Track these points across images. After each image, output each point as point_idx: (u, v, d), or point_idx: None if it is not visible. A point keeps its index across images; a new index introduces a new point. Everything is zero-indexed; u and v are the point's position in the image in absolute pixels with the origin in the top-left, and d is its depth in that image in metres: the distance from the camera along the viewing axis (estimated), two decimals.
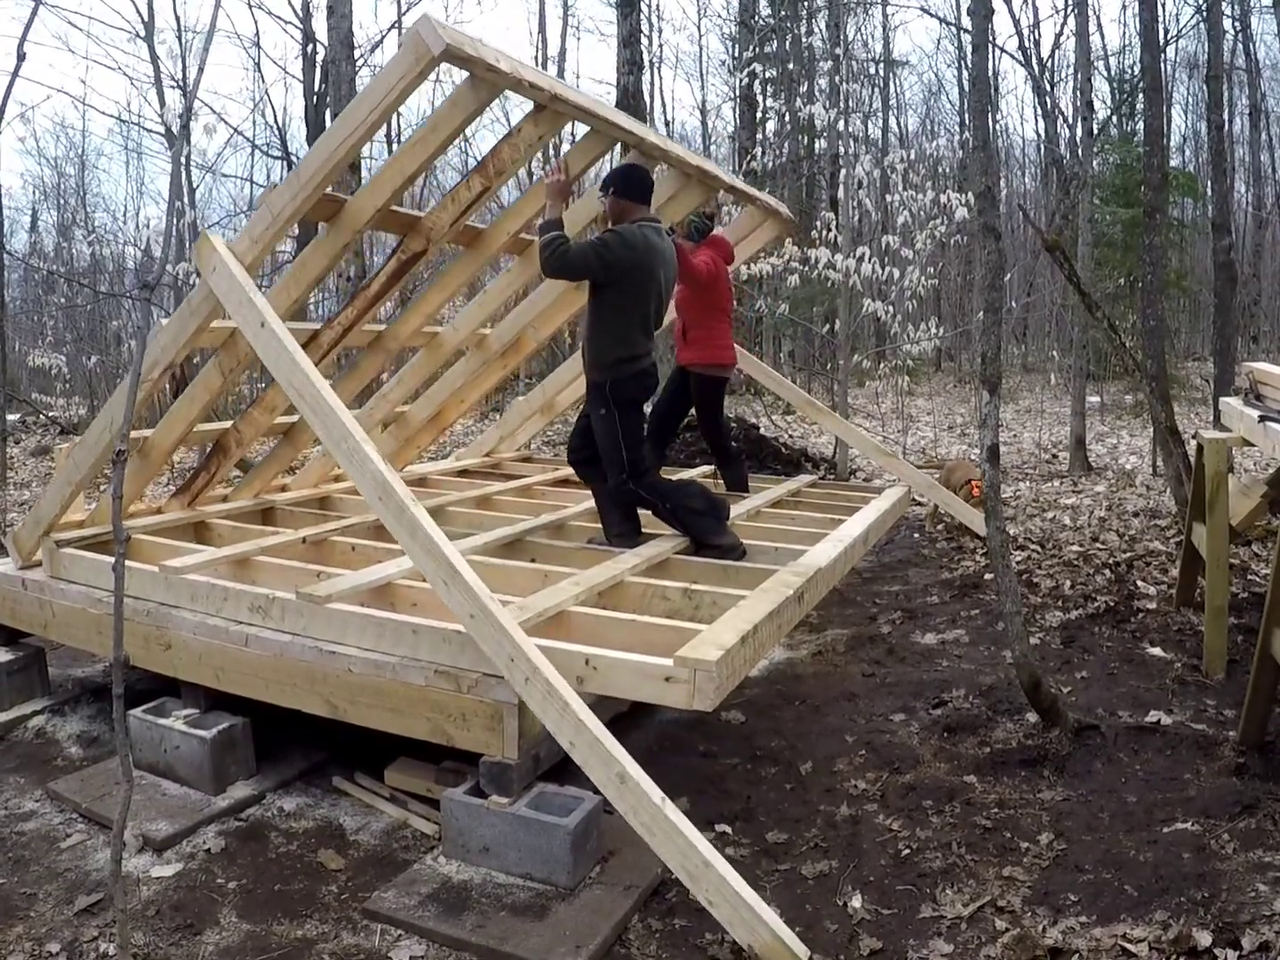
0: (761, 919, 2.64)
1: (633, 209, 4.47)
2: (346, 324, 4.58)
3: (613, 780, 2.82)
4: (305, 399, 3.40)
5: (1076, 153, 11.35)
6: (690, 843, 2.71)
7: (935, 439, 12.74)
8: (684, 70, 58.52)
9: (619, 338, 4.46)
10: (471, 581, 3.10)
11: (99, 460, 4.22)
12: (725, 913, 2.68)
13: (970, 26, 4.62)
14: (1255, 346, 20.75)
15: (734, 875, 2.70)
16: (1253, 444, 4.85)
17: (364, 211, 3.98)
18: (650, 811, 2.77)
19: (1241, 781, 3.48)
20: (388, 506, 3.24)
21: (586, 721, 2.87)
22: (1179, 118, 27.43)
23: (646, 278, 4.42)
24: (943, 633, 5.38)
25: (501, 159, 4.05)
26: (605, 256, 4.30)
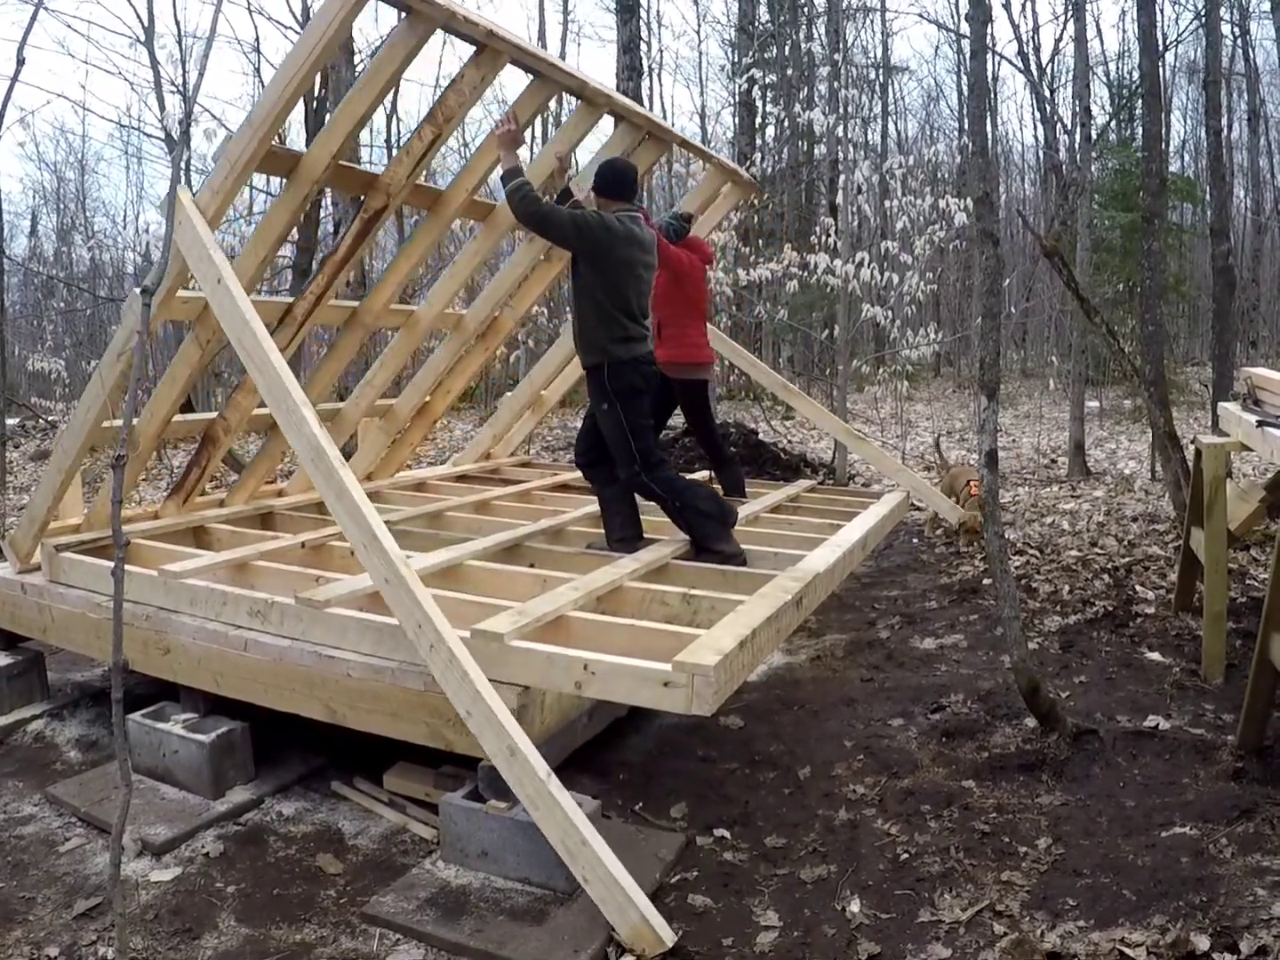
0: (632, 901, 2.74)
1: (610, 205, 4.51)
2: (318, 291, 4.61)
3: (503, 752, 2.93)
4: (252, 358, 3.51)
5: (1075, 158, 11.36)
6: (570, 820, 2.81)
7: (934, 445, 12.73)
8: (683, 76, 58.64)
9: (606, 320, 4.47)
10: (389, 547, 3.19)
11: (85, 444, 4.25)
12: (598, 891, 2.77)
13: (969, 32, 4.63)
14: (1254, 351, 20.75)
15: (610, 856, 2.79)
16: (1251, 449, 4.86)
17: (320, 161, 4.05)
18: (535, 785, 2.87)
19: (1240, 786, 3.48)
20: (319, 468, 3.35)
21: (484, 693, 2.98)
22: (1178, 123, 27.50)
23: (626, 263, 4.44)
24: (941, 638, 5.38)
25: (449, 106, 4.20)
26: (582, 227, 4.34)
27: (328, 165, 4.06)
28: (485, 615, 3.38)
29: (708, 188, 6.81)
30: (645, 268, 4.57)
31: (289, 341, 4.68)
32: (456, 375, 6.45)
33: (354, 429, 5.96)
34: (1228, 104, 21.12)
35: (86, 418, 4.18)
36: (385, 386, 5.91)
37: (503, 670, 3.17)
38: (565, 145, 5.19)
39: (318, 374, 5.43)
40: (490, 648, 3.18)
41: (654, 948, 2.74)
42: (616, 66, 14.82)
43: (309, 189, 4.12)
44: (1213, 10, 9.89)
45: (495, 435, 7.40)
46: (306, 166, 4.08)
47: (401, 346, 5.81)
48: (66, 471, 4.32)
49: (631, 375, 4.51)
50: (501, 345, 7.39)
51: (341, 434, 5.85)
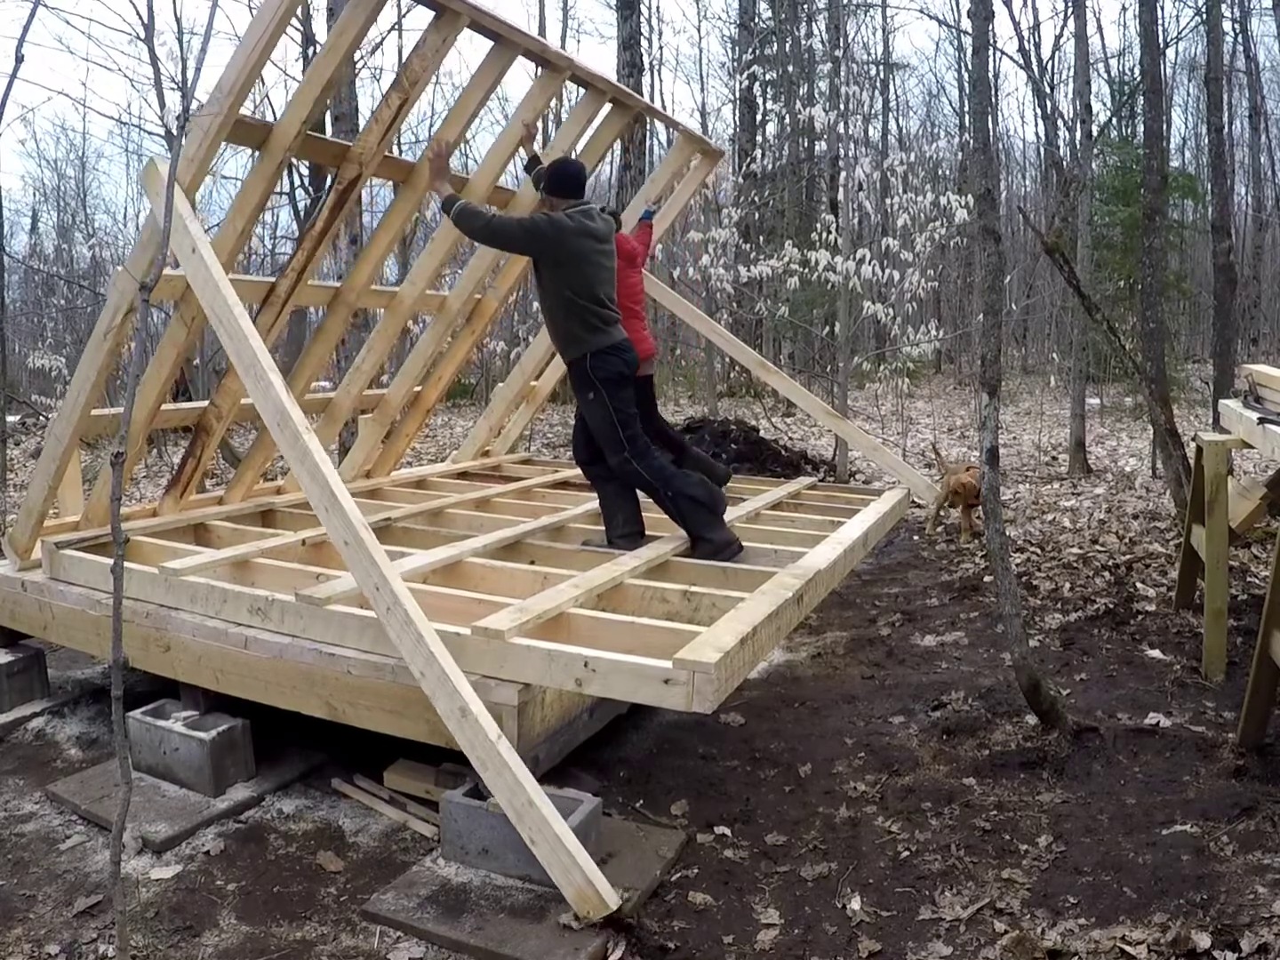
0: (577, 864, 2.81)
1: (561, 204, 4.59)
2: (299, 267, 4.64)
3: (455, 713, 3.00)
4: (223, 324, 3.59)
5: (1076, 155, 11.35)
6: (519, 781, 2.89)
7: (935, 441, 12.73)
8: (684, 73, 58.58)
9: (577, 313, 4.52)
10: (348, 509, 3.27)
11: (77, 432, 4.27)
12: (544, 853, 2.86)
13: (970, 28, 4.62)
14: (1255, 349, 20.76)
15: (556, 818, 2.87)
16: (1252, 446, 4.85)
17: (290, 130, 4.11)
18: (485, 747, 2.94)
19: (1240, 783, 3.48)
20: (284, 433, 3.44)
21: (438, 655, 3.05)
22: (1179, 120, 27.49)
23: (583, 255, 4.49)
24: (942, 635, 5.38)
25: (413, 70, 4.29)
26: (531, 230, 4.42)
27: (298, 133, 4.11)
28: (486, 612, 3.38)
29: (677, 158, 6.84)
30: (604, 255, 4.62)
31: (274, 321, 4.73)
32: (446, 362, 6.48)
33: (347, 417, 5.95)
34: (1229, 101, 21.09)
35: (77, 402, 4.22)
36: (374, 371, 5.91)
37: (503, 667, 3.17)
38: (531, 113, 5.26)
39: (306, 357, 5.43)
40: (491, 645, 3.18)
41: (598, 910, 2.80)
42: (617, 63, 14.83)
43: (282, 157, 4.18)
44: (1214, 7, 9.87)
45: (491, 428, 7.37)
46: (278, 136, 4.14)
47: (387, 329, 5.83)
48: (60, 460, 4.34)
49: (614, 361, 4.55)
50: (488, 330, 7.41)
51: (335, 423, 5.87)
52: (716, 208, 12.51)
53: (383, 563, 3.19)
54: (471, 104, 4.98)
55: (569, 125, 5.82)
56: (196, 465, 4.95)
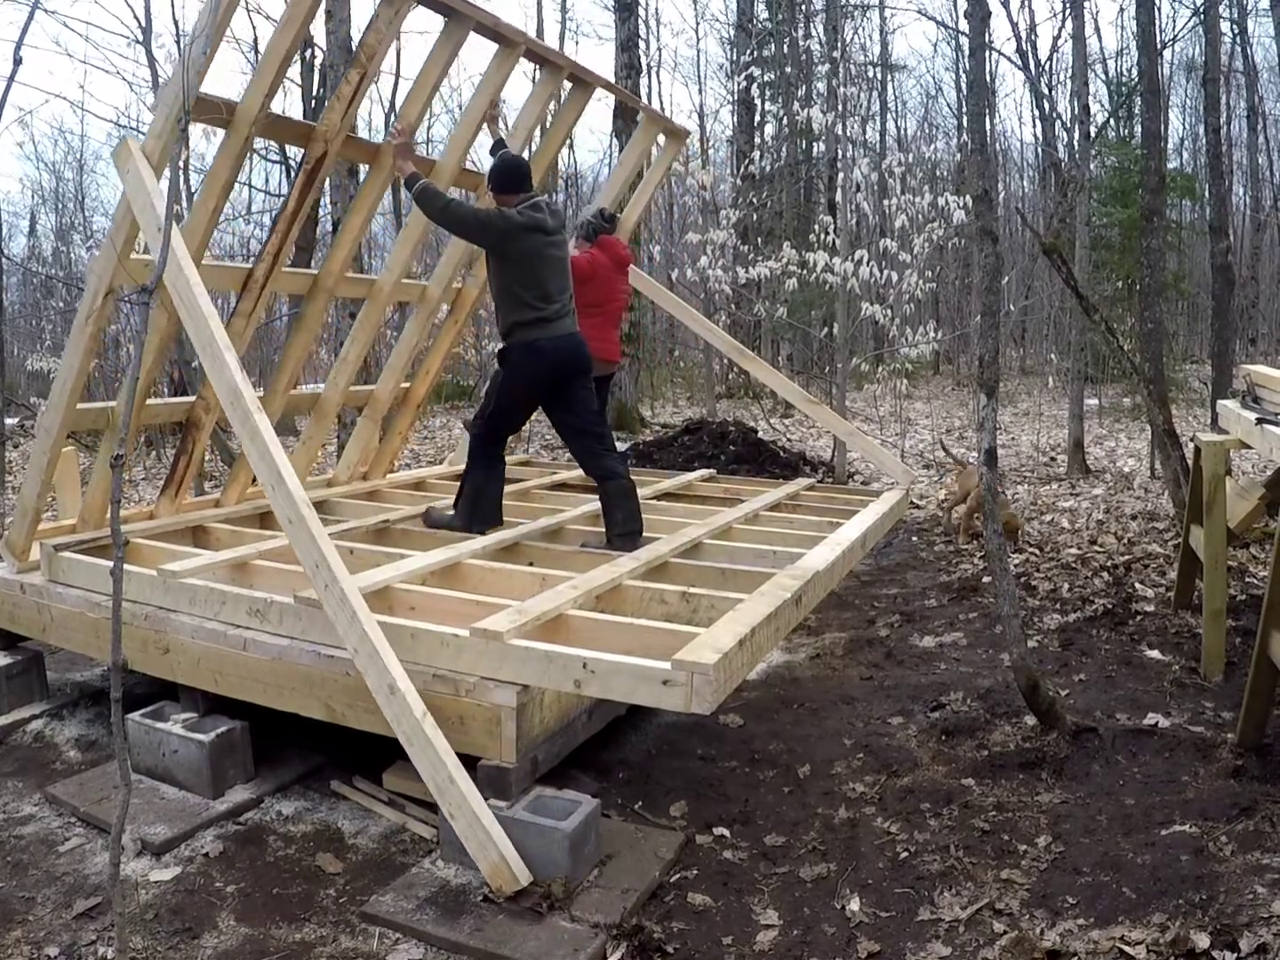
0: (492, 839, 2.94)
1: (509, 200, 4.70)
2: (274, 250, 4.68)
3: (384, 689, 3.10)
4: (184, 303, 3.67)
5: (1074, 156, 11.36)
6: (440, 758, 3.00)
7: (934, 442, 12.73)
8: (682, 74, 58.66)
9: (518, 306, 4.66)
10: (293, 489, 3.37)
11: (66, 421, 4.30)
12: (462, 827, 2.98)
13: (968, 29, 4.63)
14: (1253, 349, 20.75)
15: (475, 794, 2.99)
16: (1250, 446, 4.86)
17: (254, 103, 4.14)
18: (411, 724, 3.05)
19: (1239, 784, 3.48)
20: (235, 411, 3.54)
21: (370, 633, 3.15)
22: (1177, 120, 27.53)
23: (531, 250, 4.62)
24: (941, 636, 5.39)
25: (370, 45, 4.41)
26: (484, 221, 4.60)
27: (261, 108, 4.16)
28: (485, 614, 3.38)
29: (643, 139, 6.86)
30: (554, 247, 4.75)
31: (253, 306, 4.77)
32: (433, 355, 6.49)
33: (337, 411, 5.95)
34: (1226, 101, 21.12)
35: (64, 390, 4.25)
36: (360, 363, 5.94)
37: (502, 669, 3.17)
38: (492, 90, 5.30)
39: (290, 347, 5.46)
40: (490, 646, 3.18)
41: (510, 885, 2.93)
42: (615, 64, 14.82)
43: (247, 133, 4.22)
44: (1211, 7, 9.89)
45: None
46: (242, 114, 4.19)
47: (369, 318, 5.85)
48: (51, 453, 4.36)
49: (536, 361, 4.69)
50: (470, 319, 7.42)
51: (325, 419, 5.88)
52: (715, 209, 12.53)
53: (323, 541, 3.30)
54: (430, 81, 5.04)
55: (530, 104, 5.82)
56: (189, 462, 4.96)
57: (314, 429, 5.87)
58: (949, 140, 23.29)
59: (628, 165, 6.95)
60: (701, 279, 11.28)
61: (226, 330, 4.63)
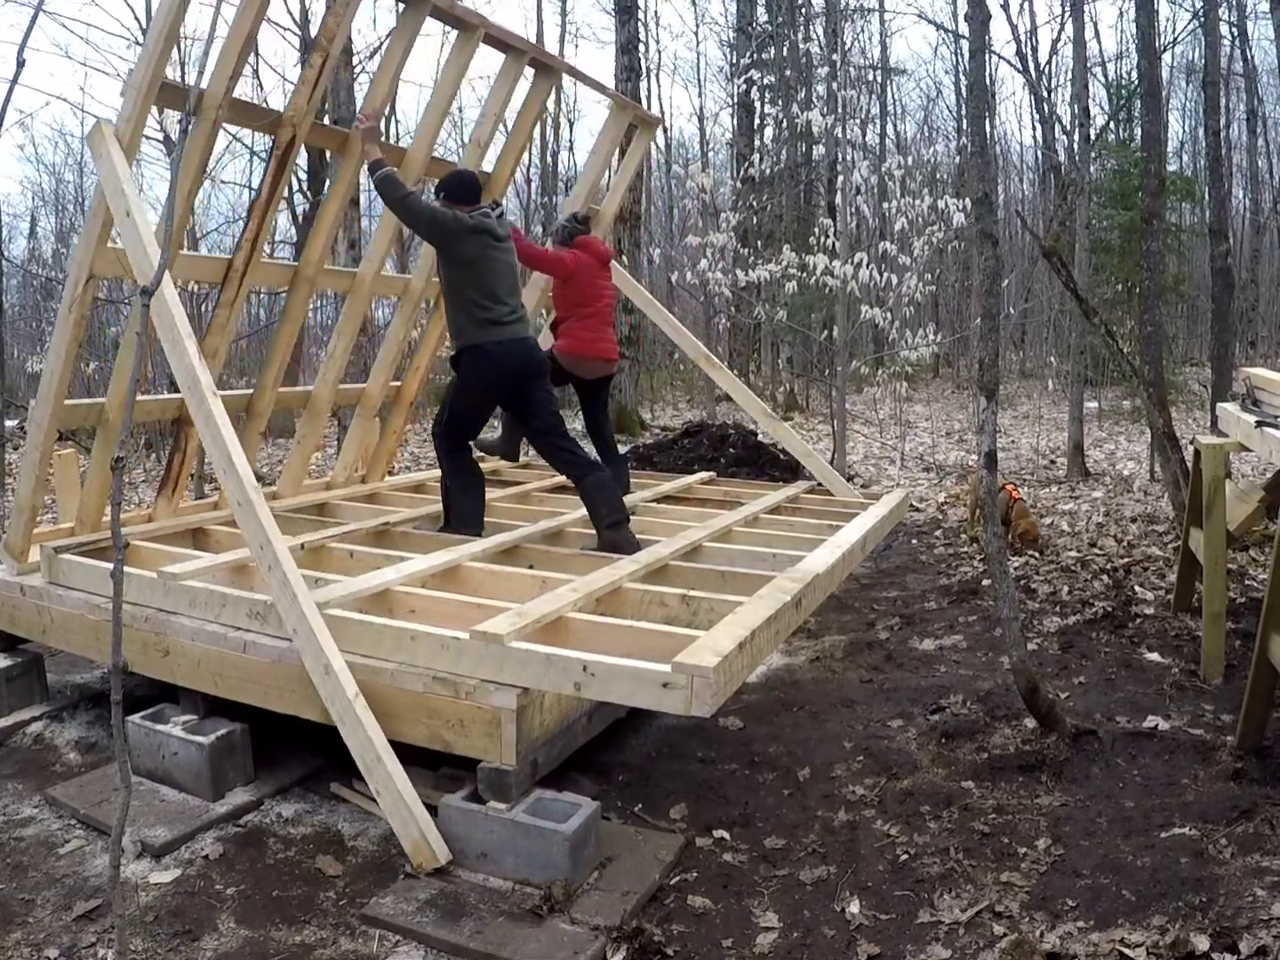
0: (415, 817, 3.09)
1: (460, 209, 4.82)
2: (252, 237, 4.77)
3: (319, 669, 3.26)
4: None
5: (1074, 158, 11.37)
6: (370, 738, 3.16)
7: (933, 445, 12.75)
8: (682, 77, 58.75)
9: (467, 306, 4.80)
10: (243, 472, 3.52)
11: (55, 415, 4.35)
12: (387, 804, 3.13)
13: (967, 32, 4.63)
14: (1253, 351, 20.76)
15: (401, 774, 3.13)
16: (1250, 449, 4.86)
17: (218, 88, 4.24)
18: (343, 703, 3.21)
19: (1239, 786, 3.48)
20: (192, 395, 3.68)
21: (309, 616, 3.31)
22: (1176, 123, 27.54)
23: (479, 251, 4.78)
24: (941, 639, 5.39)
25: (329, 28, 4.54)
26: (437, 218, 4.74)
27: (226, 92, 4.24)
28: (485, 616, 3.38)
29: (614, 128, 6.89)
30: (502, 253, 4.92)
31: (235, 295, 4.84)
32: (421, 350, 6.52)
33: (329, 409, 5.96)
34: (1226, 104, 21.13)
35: (52, 380, 4.31)
36: (346, 357, 5.96)
37: (502, 671, 3.17)
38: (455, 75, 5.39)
39: (276, 340, 5.49)
40: (490, 649, 3.18)
41: (429, 862, 3.07)
42: (615, 67, 14.84)
43: (214, 117, 4.30)
44: (1211, 10, 9.90)
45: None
46: (208, 99, 4.25)
47: (352, 311, 5.87)
48: (44, 447, 4.39)
49: (483, 364, 4.82)
50: None
51: (317, 417, 5.90)
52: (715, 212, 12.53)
53: (268, 525, 3.47)
54: (392, 65, 5.14)
55: (496, 89, 5.86)
56: (183, 459, 4.99)
57: (308, 428, 5.89)
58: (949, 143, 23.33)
59: (601, 154, 7.01)
60: (701, 282, 11.28)
61: (211, 320, 4.85)
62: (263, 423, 5.56)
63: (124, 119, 4.03)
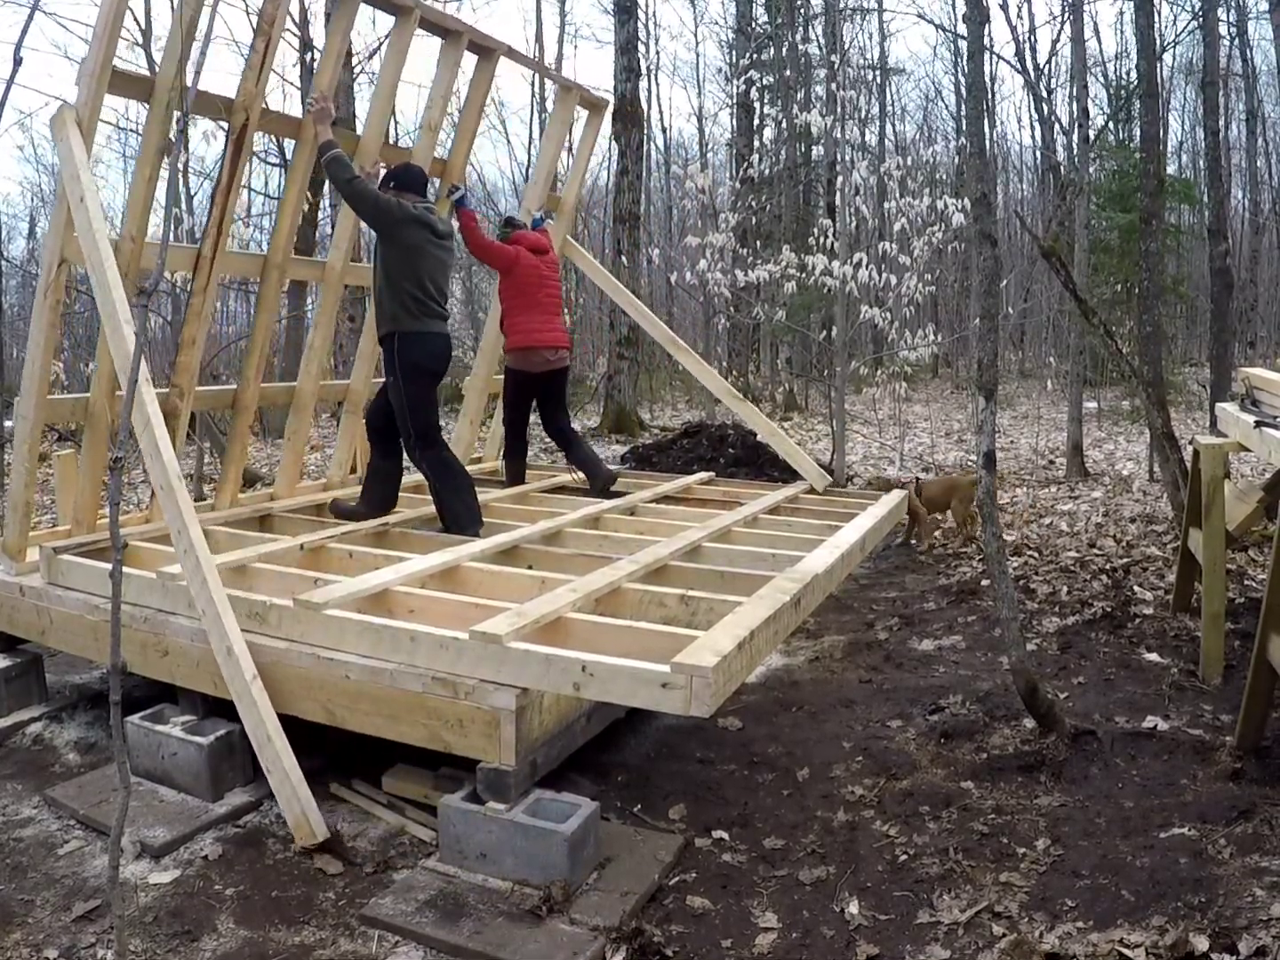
0: (298, 796, 3.27)
1: (404, 196, 5.01)
2: (216, 222, 4.89)
3: (222, 650, 3.45)
4: (95, 273, 4.01)
5: (1073, 159, 11.37)
6: (263, 718, 3.35)
7: (932, 445, 12.75)
8: (681, 77, 58.77)
9: (398, 293, 4.95)
10: (167, 459, 3.70)
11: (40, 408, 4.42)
12: (275, 781, 3.32)
13: (966, 33, 4.64)
14: (1252, 352, 20.78)
15: (288, 753, 3.33)
16: (1249, 449, 4.86)
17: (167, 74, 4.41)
18: (241, 684, 3.40)
19: (1238, 786, 3.48)
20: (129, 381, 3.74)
21: (216, 599, 3.49)
22: (1176, 123, 27.57)
23: (417, 242, 4.97)
24: (940, 639, 5.39)
25: (268, 14, 4.71)
26: (380, 203, 4.91)
27: (176, 75, 4.38)
28: (484, 616, 3.37)
29: (562, 111, 6.95)
30: (439, 248, 5.10)
31: (206, 282, 4.92)
32: None
33: (313, 403, 5.98)
34: (1225, 105, 21.16)
35: (33, 369, 4.40)
36: (326, 347, 6.02)
37: (501, 671, 3.17)
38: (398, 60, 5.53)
39: (254, 333, 5.55)
40: (489, 649, 3.17)
41: (307, 838, 3.25)
42: (614, 68, 14.84)
43: (167, 99, 4.42)
44: (1210, 11, 9.91)
45: (472, 422, 7.32)
46: (159, 86, 4.42)
47: (327, 302, 5.94)
48: (31, 439, 4.46)
49: (419, 351, 5.01)
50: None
51: (303, 412, 5.93)
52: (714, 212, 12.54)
53: (186, 511, 3.63)
54: (334, 49, 5.30)
55: (440, 72, 5.94)
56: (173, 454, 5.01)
57: (296, 424, 5.95)
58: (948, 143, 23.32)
59: (553, 139, 7.08)
60: (700, 282, 11.28)
61: (186, 308, 4.99)
62: (249, 416, 5.62)
63: (81, 104, 4.20)
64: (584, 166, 7.62)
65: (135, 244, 4.55)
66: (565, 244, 7.16)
